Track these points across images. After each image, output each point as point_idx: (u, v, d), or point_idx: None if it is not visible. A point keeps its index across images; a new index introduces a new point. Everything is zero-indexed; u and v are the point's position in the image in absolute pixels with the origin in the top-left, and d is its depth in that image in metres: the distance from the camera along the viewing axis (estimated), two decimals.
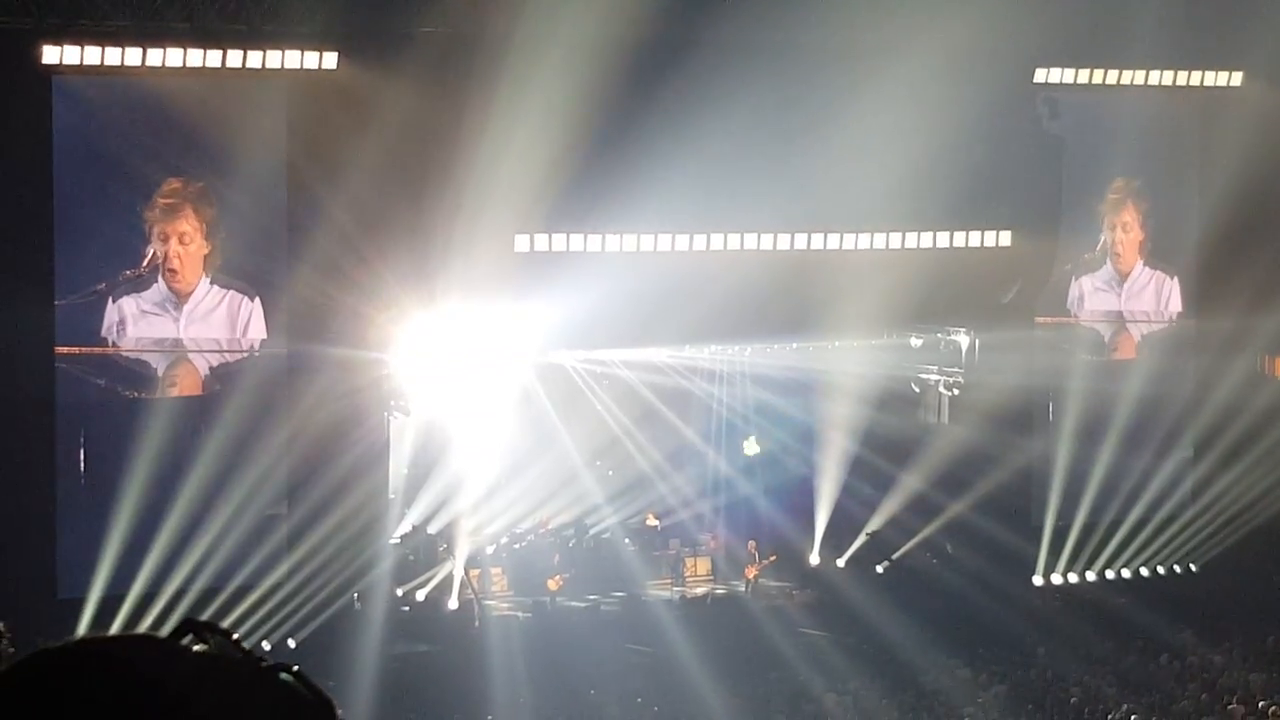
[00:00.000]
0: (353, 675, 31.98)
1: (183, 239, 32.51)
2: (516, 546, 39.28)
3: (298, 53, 32.19)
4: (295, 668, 2.36)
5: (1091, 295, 40.28)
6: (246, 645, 2.40)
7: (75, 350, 32.36)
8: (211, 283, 32.92)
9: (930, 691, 34.98)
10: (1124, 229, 40.02)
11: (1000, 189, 37.52)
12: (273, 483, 32.66)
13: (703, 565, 40.75)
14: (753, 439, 41.18)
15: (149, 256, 32.47)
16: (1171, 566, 40.89)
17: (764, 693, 34.68)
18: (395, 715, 32.43)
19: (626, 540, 39.79)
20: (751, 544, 40.13)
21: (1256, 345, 40.24)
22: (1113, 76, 38.18)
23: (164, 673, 2.29)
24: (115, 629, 30.73)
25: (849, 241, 36.86)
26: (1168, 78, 38.70)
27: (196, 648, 2.35)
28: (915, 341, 39.85)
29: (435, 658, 35.15)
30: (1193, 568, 40.91)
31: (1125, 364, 40.28)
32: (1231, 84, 39.16)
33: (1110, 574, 40.49)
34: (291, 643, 32.95)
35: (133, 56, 31.05)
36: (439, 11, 32.94)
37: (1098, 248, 39.95)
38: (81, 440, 32.93)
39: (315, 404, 32.89)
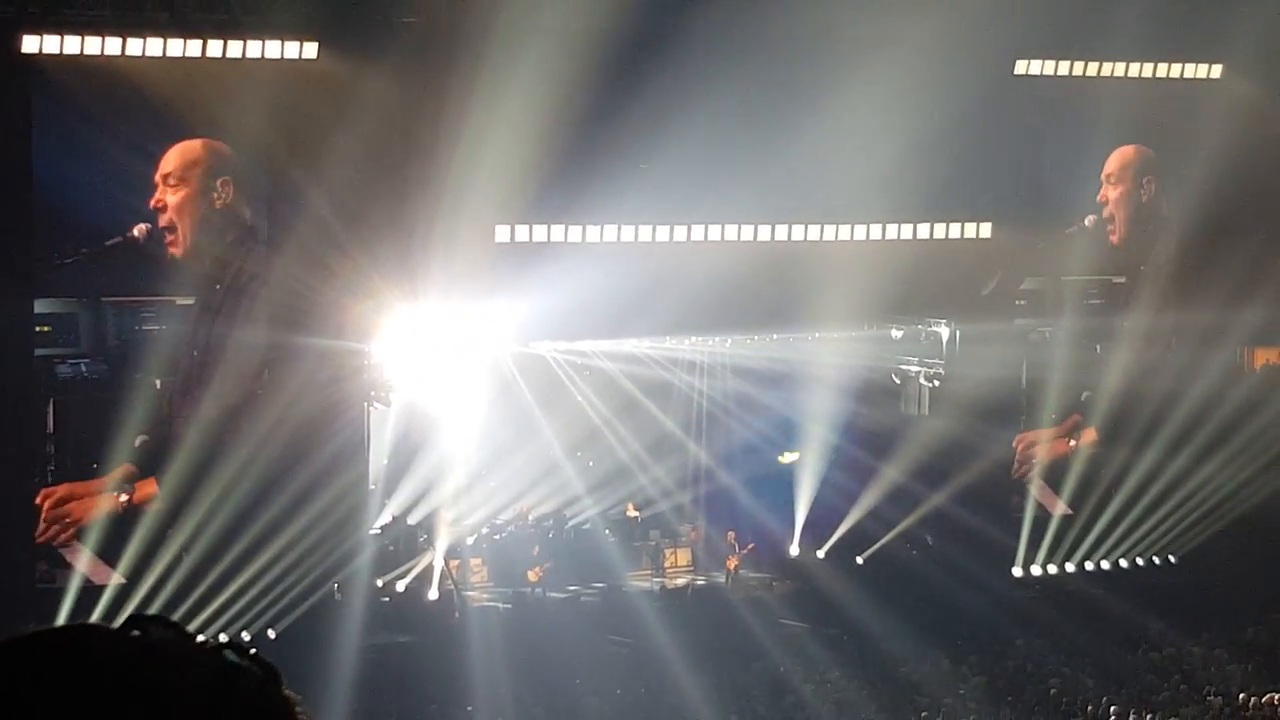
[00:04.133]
0: (332, 666, 31.99)
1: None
2: (496, 537, 39.27)
3: (278, 43, 32.13)
4: (243, 646, 2.39)
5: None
6: (227, 636, 2.42)
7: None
8: None
9: (910, 683, 35.05)
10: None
11: (981, 181, 37.56)
12: (253, 472, 32.61)
13: (683, 556, 40.75)
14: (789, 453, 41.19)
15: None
16: (1151, 558, 40.99)
17: (744, 683, 34.74)
18: (375, 706, 32.43)
19: (606, 531, 39.77)
20: (731, 535, 40.17)
21: (1236, 338, 40.32)
22: (1093, 68, 38.20)
23: (109, 657, 2.31)
24: (94, 619, 30.72)
25: (829, 233, 36.86)
26: (1148, 70, 38.73)
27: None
28: (896, 333, 39.92)
29: (415, 648, 35.14)
30: (1172, 559, 41.01)
31: (1106, 355, 40.32)
32: (1212, 76, 39.20)
33: (1090, 565, 40.59)
34: (271, 633, 32.95)
35: (113, 46, 31.02)
36: (419, 2, 32.93)
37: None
38: (61, 429, 32.91)
39: (296, 394, 32.86)
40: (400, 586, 36.75)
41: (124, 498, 32.46)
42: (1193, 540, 40.62)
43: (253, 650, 2.39)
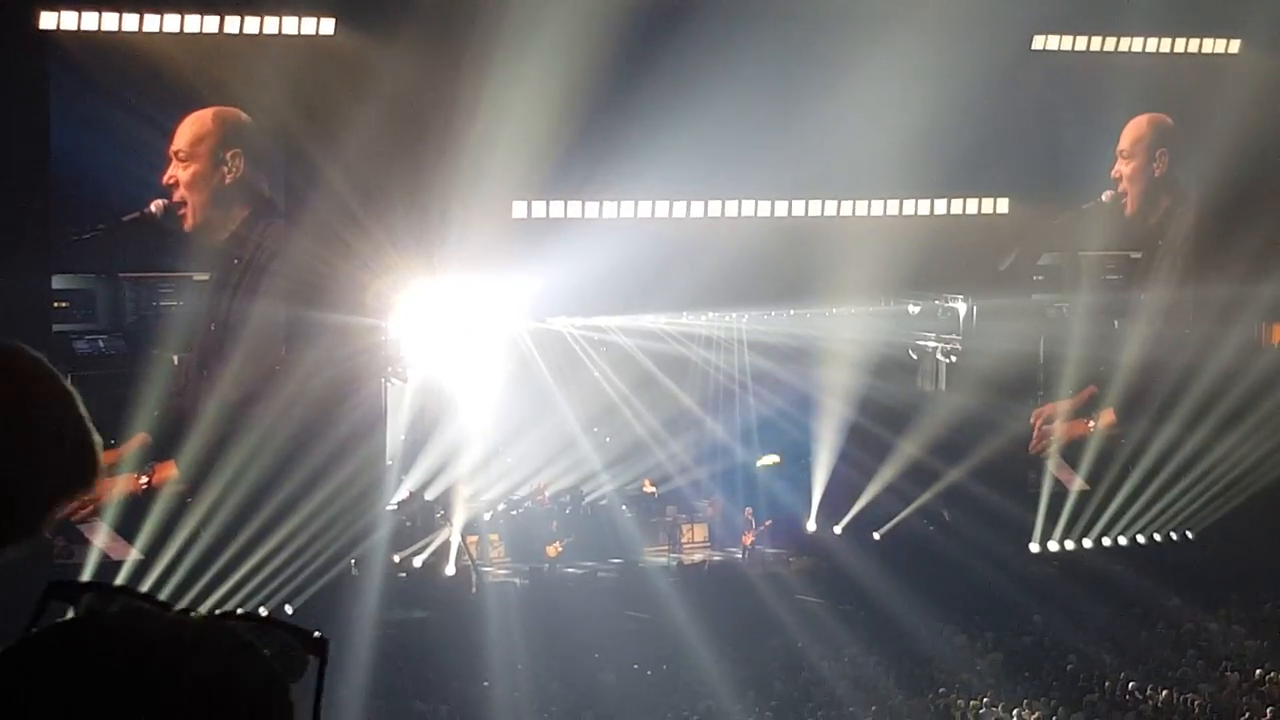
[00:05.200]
0: (350, 641, 32.02)
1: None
2: (514, 513, 39.32)
3: (295, 18, 32.14)
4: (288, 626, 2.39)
5: None
6: (243, 611, 2.44)
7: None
8: None
9: (927, 658, 35.06)
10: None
11: (998, 156, 37.47)
12: (271, 448, 32.65)
13: (700, 532, 40.80)
14: (771, 457, 41.15)
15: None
16: (1168, 534, 40.95)
17: (761, 659, 34.76)
18: (392, 681, 32.48)
19: (624, 507, 39.82)
20: (748, 511, 40.18)
21: (1255, 312, 40.25)
22: (1110, 43, 38.13)
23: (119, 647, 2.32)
24: None
25: (847, 208, 36.85)
26: (1166, 45, 38.64)
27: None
28: (913, 308, 39.86)
29: (432, 624, 35.19)
30: (1189, 535, 40.97)
31: (1124, 330, 40.28)
32: (1230, 51, 39.10)
33: (1107, 541, 40.57)
34: (289, 609, 33.01)
35: (130, 22, 31.02)
36: None
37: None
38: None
39: (313, 370, 32.89)
40: (417, 562, 36.82)
41: (144, 480, 32.51)
42: (1210, 516, 40.58)
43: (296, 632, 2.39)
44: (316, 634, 2.43)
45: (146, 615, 2.38)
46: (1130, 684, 33.55)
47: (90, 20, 30.84)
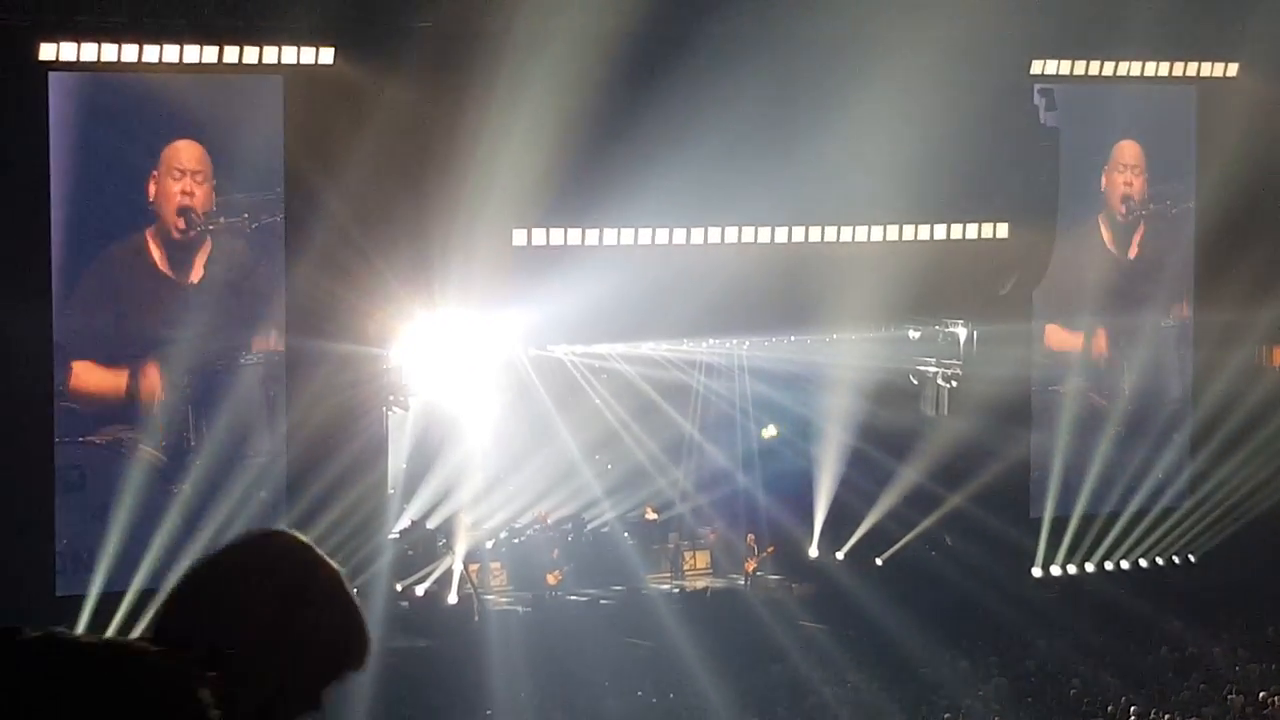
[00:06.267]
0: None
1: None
2: (515, 541, 39.28)
3: (294, 48, 32.17)
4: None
5: None
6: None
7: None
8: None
9: (930, 684, 34.99)
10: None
11: (997, 181, 37.48)
12: (272, 477, 32.64)
13: (702, 559, 40.76)
14: (771, 426, 41.20)
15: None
16: (1170, 558, 40.91)
17: (764, 686, 34.70)
18: (394, 711, 32.41)
19: (625, 534, 39.78)
20: (750, 537, 40.15)
21: (1255, 336, 40.24)
22: (1109, 68, 38.20)
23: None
24: (114, 625, 30.86)
25: (846, 234, 36.80)
26: (1164, 69, 38.72)
27: None
28: (913, 334, 39.86)
29: (434, 653, 35.14)
30: (1192, 559, 40.93)
31: (1123, 355, 40.27)
32: (1228, 74, 39.16)
33: (1109, 565, 40.52)
34: None
35: (129, 53, 31.05)
36: (436, 6, 32.94)
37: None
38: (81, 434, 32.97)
39: (314, 399, 32.89)
40: (419, 590, 36.78)
41: None
42: (1212, 540, 40.54)
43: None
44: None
45: (93, 644, 2.40)
46: (1133, 708, 33.47)
47: (90, 51, 30.88)
